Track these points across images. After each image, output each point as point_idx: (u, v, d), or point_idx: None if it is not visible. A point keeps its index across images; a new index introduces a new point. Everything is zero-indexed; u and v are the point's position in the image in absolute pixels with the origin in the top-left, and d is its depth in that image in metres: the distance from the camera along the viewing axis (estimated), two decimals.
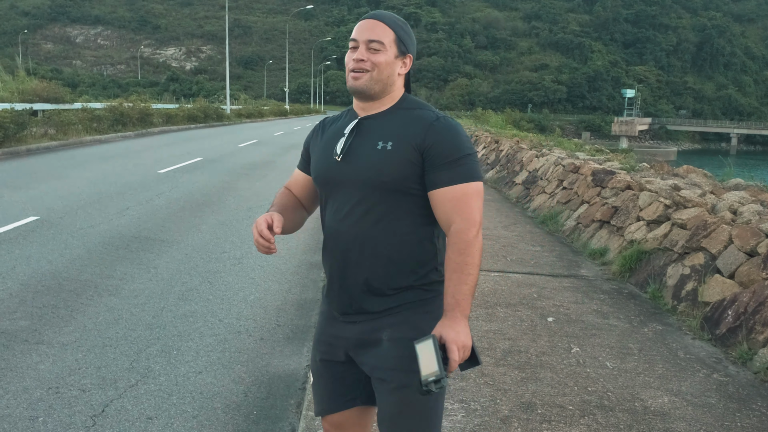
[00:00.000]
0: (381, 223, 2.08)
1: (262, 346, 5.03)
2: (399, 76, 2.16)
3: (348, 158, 2.12)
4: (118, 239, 8.17)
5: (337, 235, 2.17)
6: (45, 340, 4.90)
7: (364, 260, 2.11)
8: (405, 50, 2.15)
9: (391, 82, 2.14)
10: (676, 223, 6.70)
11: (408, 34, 2.16)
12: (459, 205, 2.02)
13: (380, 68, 2.10)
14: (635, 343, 5.04)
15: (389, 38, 2.11)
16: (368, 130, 2.13)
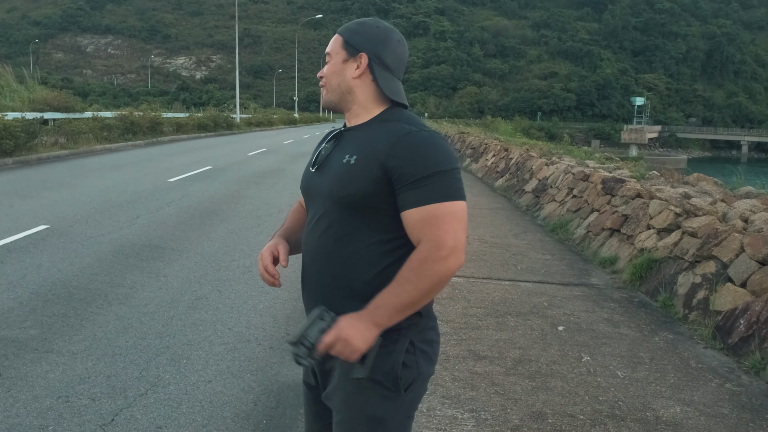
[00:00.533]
0: (341, 241, 1.94)
1: (271, 354, 5.03)
2: (355, 79, 1.98)
3: (320, 170, 2.03)
4: (128, 248, 8.19)
5: (305, 246, 2.10)
6: (55, 348, 4.91)
7: (322, 278, 2.00)
8: (355, 50, 1.98)
9: (347, 89, 2.00)
10: (687, 231, 6.67)
11: (360, 32, 2.00)
12: (427, 228, 1.81)
13: (328, 78, 2.03)
14: (646, 352, 5.01)
15: (337, 45, 2.03)
16: (345, 143, 2.00)
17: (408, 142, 1.84)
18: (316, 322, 1.82)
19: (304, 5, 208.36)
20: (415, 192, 1.81)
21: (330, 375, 2.02)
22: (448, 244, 1.78)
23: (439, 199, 1.80)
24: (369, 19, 2.03)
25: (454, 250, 1.79)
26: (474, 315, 5.74)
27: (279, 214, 11.29)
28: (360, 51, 1.97)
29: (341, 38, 2.02)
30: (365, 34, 1.98)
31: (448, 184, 1.81)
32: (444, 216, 1.79)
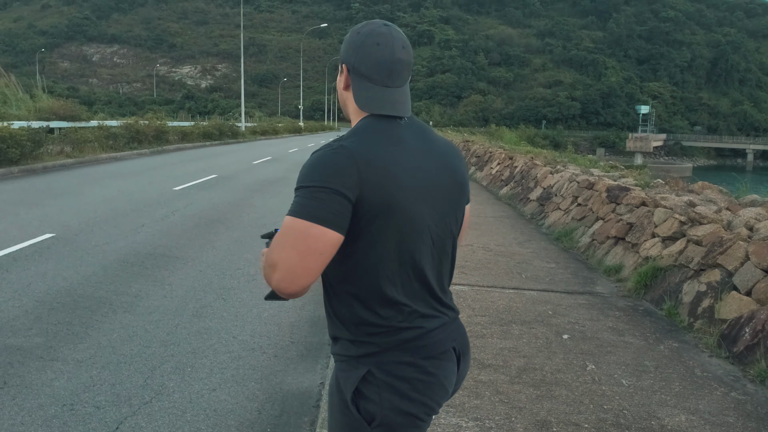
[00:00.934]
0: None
1: (276, 363, 5.03)
2: (346, 92, 1.95)
3: None
4: (133, 256, 8.21)
5: None
6: (60, 356, 4.92)
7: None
8: (341, 61, 1.96)
9: (343, 102, 1.99)
10: (692, 239, 6.66)
11: (345, 41, 1.94)
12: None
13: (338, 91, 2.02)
14: (651, 360, 4.99)
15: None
16: None
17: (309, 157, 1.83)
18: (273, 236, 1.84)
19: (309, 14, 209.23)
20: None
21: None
22: (272, 258, 1.73)
23: (288, 212, 1.74)
24: (358, 25, 1.96)
25: (274, 266, 1.73)
26: (478, 323, 5.73)
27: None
28: (343, 63, 1.94)
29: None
30: (346, 43, 1.93)
31: (296, 201, 1.73)
32: (281, 230, 1.75)
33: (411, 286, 1.85)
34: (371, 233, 1.77)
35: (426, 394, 1.84)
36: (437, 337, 1.87)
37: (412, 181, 1.81)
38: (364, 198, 1.73)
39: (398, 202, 1.77)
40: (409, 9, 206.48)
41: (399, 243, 1.81)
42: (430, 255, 1.89)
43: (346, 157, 1.74)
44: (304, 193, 1.72)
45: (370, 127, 1.84)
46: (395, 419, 1.82)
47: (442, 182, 1.91)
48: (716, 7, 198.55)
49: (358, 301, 1.83)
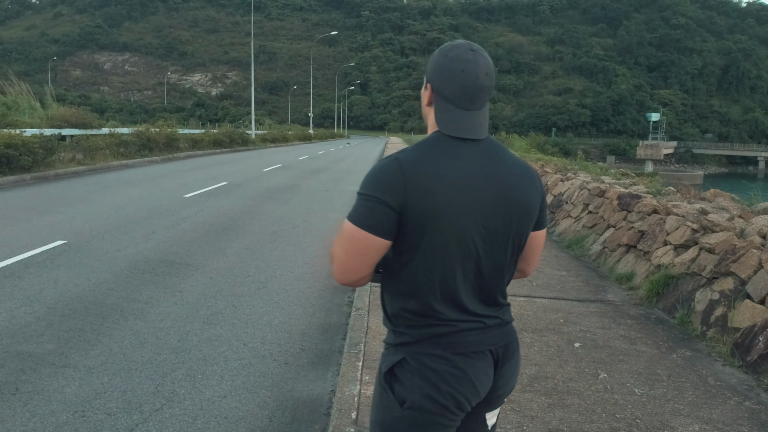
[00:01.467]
0: None
1: (286, 370, 5.02)
2: (428, 107, 2.08)
3: None
4: (144, 263, 8.23)
5: None
6: (71, 363, 4.93)
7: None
8: (426, 79, 2.09)
9: (425, 115, 2.13)
10: (704, 247, 6.62)
11: (431, 61, 2.07)
12: None
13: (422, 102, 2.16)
14: (664, 369, 4.96)
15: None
16: None
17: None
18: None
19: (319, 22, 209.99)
20: None
21: None
22: (331, 251, 1.99)
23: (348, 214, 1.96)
24: (446, 45, 2.07)
25: (331, 257, 1.99)
26: None
27: (294, 230, 11.32)
28: (428, 81, 2.07)
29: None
30: (433, 63, 2.05)
31: (354, 205, 1.95)
32: (340, 228, 1.97)
33: (451, 289, 1.97)
34: (415, 239, 1.92)
35: (454, 387, 1.95)
36: (470, 337, 1.99)
37: (459, 196, 1.92)
38: (409, 207, 1.88)
39: (442, 213, 1.90)
40: (419, 17, 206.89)
41: (441, 252, 1.94)
42: (473, 268, 1.99)
43: (396, 170, 1.90)
44: (358, 200, 1.94)
45: (434, 142, 1.98)
46: (423, 404, 1.95)
47: (499, 202, 1.98)
48: (727, 15, 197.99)
49: (400, 296, 2.01)
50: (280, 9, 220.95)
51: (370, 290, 6.91)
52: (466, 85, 1.97)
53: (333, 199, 16.38)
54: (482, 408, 2.11)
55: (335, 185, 20.24)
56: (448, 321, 1.98)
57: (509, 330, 2.12)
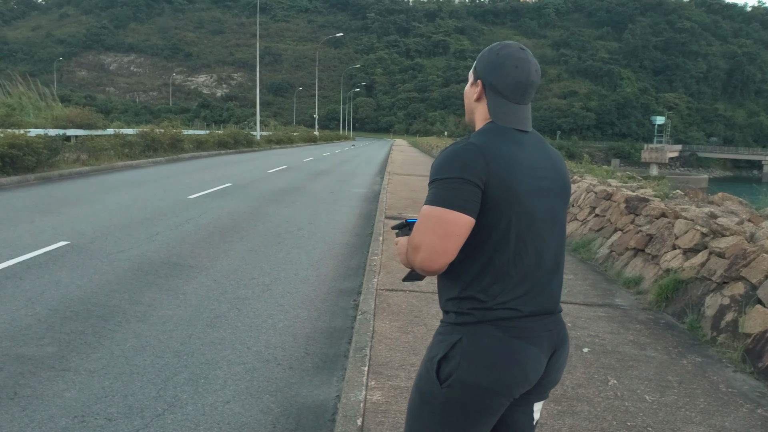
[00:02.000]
0: None
1: (290, 375, 4.94)
2: (476, 102, 2.20)
3: None
4: (148, 264, 8.16)
5: None
6: (72, 366, 4.86)
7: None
8: (476, 77, 2.21)
9: (471, 110, 2.24)
10: (714, 251, 6.52)
11: (482, 59, 2.19)
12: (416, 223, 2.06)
13: (465, 98, 2.28)
14: (674, 375, 4.87)
15: (471, 70, 2.26)
16: None
17: (440, 152, 2.07)
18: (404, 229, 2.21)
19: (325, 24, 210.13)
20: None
21: None
22: (415, 242, 2.00)
23: (426, 201, 2.01)
24: (496, 45, 2.20)
25: (417, 248, 1.99)
26: None
27: (299, 231, 11.25)
28: (478, 78, 2.18)
29: (474, 63, 2.24)
30: (485, 62, 2.17)
31: (432, 191, 2.00)
32: (420, 218, 2.01)
33: (523, 272, 2.05)
34: (494, 218, 2.00)
35: (502, 371, 1.99)
36: (531, 323, 2.05)
37: (529, 178, 2.04)
38: (491, 185, 1.96)
39: (518, 192, 2.00)
40: (424, 19, 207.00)
41: (516, 231, 2.02)
42: (547, 250, 2.11)
43: (475, 151, 1.99)
44: (439, 185, 1.98)
45: (495, 130, 2.09)
46: (461, 387, 2.00)
47: (555, 184, 2.14)
48: (732, 18, 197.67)
49: (471, 278, 2.04)
50: (286, 11, 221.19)
51: (376, 294, 6.83)
52: (520, 80, 2.12)
53: (338, 201, 16.30)
54: (532, 397, 2.15)
55: (340, 187, 20.17)
56: (515, 304, 2.04)
57: (562, 319, 2.20)
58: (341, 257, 9.38)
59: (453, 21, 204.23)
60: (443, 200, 1.96)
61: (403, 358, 4.99)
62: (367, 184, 21.69)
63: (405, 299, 6.71)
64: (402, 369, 4.75)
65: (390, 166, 29.94)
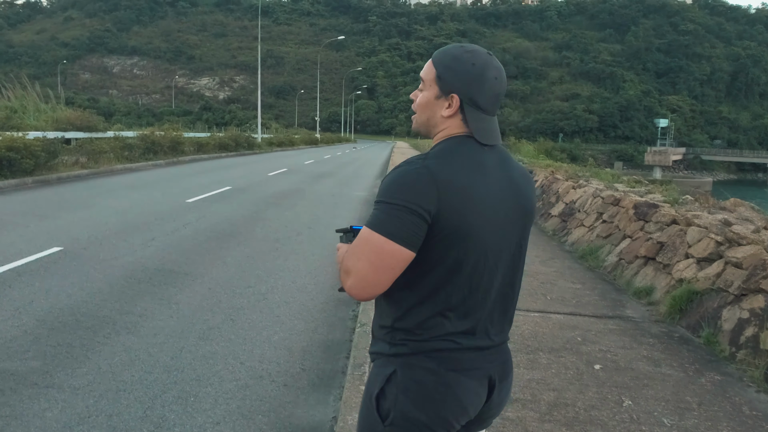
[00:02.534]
0: None
1: (285, 393, 4.67)
2: (444, 118, 1.93)
3: None
4: (141, 272, 7.90)
5: None
6: (56, 383, 4.59)
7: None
8: (447, 89, 1.91)
9: (433, 124, 1.96)
10: (730, 261, 6.24)
11: (454, 70, 1.89)
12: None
13: (418, 109, 2.00)
14: (693, 396, 4.59)
15: (430, 77, 1.95)
16: None
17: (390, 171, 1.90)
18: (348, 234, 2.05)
19: (327, 27, 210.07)
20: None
21: None
22: (347, 265, 1.83)
23: (366, 223, 1.83)
24: (466, 53, 1.91)
25: (348, 272, 1.83)
26: None
27: (298, 237, 10.98)
28: (452, 92, 1.90)
29: (435, 71, 1.94)
30: (459, 73, 1.89)
31: (376, 214, 1.80)
32: (357, 239, 1.84)
33: (467, 307, 1.88)
34: (439, 253, 1.81)
35: (439, 406, 1.84)
36: (470, 355, 1.89)
37: (488, 209, 1.84)
38: (440, 219, 1.77)
39: (472, 228, 1.81)
40: (426, 22, 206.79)
41: (465, 267, 1.84)
42: (498, 283, 1.92)
43: (427, 179, 1.77)
44: (384, 209, 1.79)
45: (456, 150, 1.87)
46: (403, 424, 1.85)
47: (516, 212, 1.93)
48: (736, 21, 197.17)
49: (410, 308, 1.87)
50: (288, 14, 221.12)
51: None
52: (499, 91, 1.92)
53: (339, 204, 16.03)
54: (473, 427, 2.02)
55: (341, 190, 19.91)
56: (453, 337, 1.87)
57: (506, 349, 2.04)
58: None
59: (454, 24, 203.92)
60: (385, 228, 1.77)
61: None
62: (368, 188, 21.42)
63: None
64: None
65: (391, 168, 29.63)
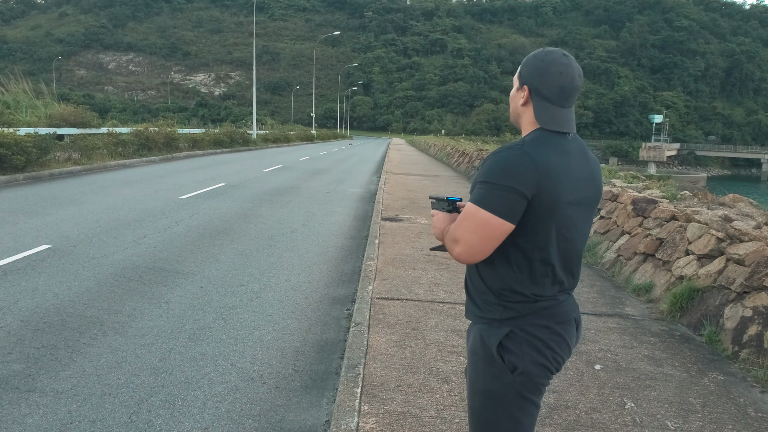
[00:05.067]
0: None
1: (277, 396, 4.52)
2: (523, 107, 2.31)
3: None
4: (131, 270, 7.74)
5: None
6: (38, 387, 4.44)
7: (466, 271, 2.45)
8: (521, 82, 2.31)
9: (517, 114, 2.36)
10: (732, 258, 6.11)
11: (527, 65, 2.30)
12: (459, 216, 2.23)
13: (511, 102, 2.41)
14: (697, 397, 4.45)
15: (516, 75, 2.37)
16: None
17: (491, 155, 2.21)
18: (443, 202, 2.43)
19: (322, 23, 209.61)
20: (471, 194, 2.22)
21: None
22: (455, 234, 2.19)
23: (472, 200, 2.17)
24: (541, 51, 2.31)
25: (456, 241, 2.19)
26: None
27: (292, 234, 10.83)
28: (524, 83, 2.30)
29: (519, 69, 2.35)
30: (530, 67, 2.29)
31: (481, 192, 2.14)
32: (464, 213, 2.18)
33: (557, 271, 2.26)
34: (535, 225, 2.17)
35: (557, 351, 2.25)
36: (565, 308, 2.30)
37: (572, 189, 2.19)
38: (537, 197, 2.12)
39: (561, 204, 2.16)
40: (422, 18, 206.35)
41: (557, 237, 2.21)
42: (574, 250, 2.31)
43: (529, 162, 2.12)
44: (489, 188, 2.13)
45: (545, 138, 2.21)
46: (533, 370, 2.23)
47: (591, 192, 2.31)
48: (730, 17, 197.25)
49: (513, 275, 2.23)
50: (284, 9, 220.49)
51: (371, 302, 6.41)
52: (564, 85, 2.24)
53: (333, 201, 15.87)
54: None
55: (336, 187, 19.74)
56: (552, 296, 2.26)
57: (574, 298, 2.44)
58: (335, 261, 8.96)
59: (450, 20, 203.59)
60: (490, 205, 2.11)
61: (399, 377, 4.56)
62: (363, 184, 21.26)
63: (402, 309, 6.28)
64: (398, 391, 4.33)
65: (387, 165, 29.48)
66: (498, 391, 2.26)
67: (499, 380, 2.24)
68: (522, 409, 2.27)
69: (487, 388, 2.27)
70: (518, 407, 2.27)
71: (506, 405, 2.26)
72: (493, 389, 2.26)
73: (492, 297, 2.27)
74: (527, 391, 2.26)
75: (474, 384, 2.32)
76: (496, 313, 2.26)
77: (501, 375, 2.24)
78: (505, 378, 2.23)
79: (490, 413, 2.30)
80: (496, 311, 2.26)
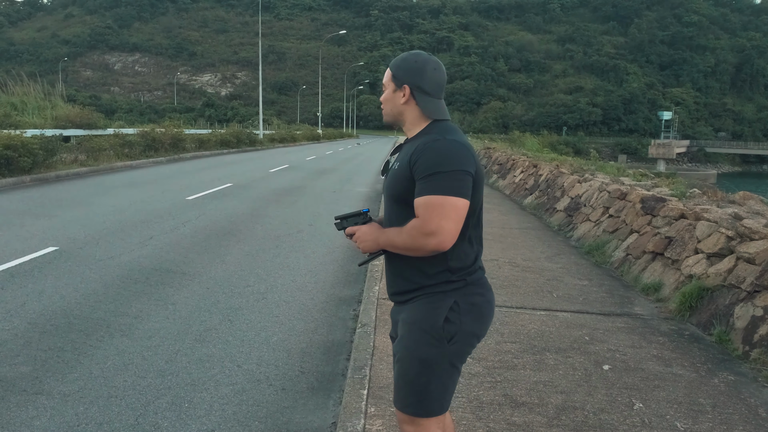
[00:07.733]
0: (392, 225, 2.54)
1: (283, 397, 4.50)
2: (404, 105, 2.56)
3: (386, 175, 2.67)
4: (138, 272, 7.73)
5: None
6: (45, 389, 4.43)
7: (392, 258, 2.58)
8: (400, 82, 2.55)
9: (398, 112, 2.60)
10: (743, 257, 6.05)
11: (402, 67, 2.55)
12: (421, 211, 2.34)
13: (384, 104, 2.63)
14: (706, 397, 4.41)
15: (387, 78, 2.60)
16: (399, 153, 2.58)
17: (426, 147, 2.37)
18: (358, 216, 2.62)
19: (328, 22, 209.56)
20: (421, 185, 2.35)
21: (398, 325, 2.64)
22: (429, 227, 2.31)
23: (433, 192, 2.31)
24: (409, 54, 2.61)
25: (432, 234, 2.31)
26: (509, 351, 5.17)
27: (298, 234, 10.81)
28: (403, 83, 2.54)
29: (390, 72, 2.59)
30: (406, 69, 2.55)
31: (438, 183, 2.31)
32: (430, 206, 2.31)
33: (480, 240, 2.59)
34: (473, 200, 2.43)
35: (487, 318, 2.55)
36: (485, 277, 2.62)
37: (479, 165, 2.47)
38: (476, 174, 2.41)
39: (481, 178, 2.48)
40: (428, 16, 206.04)
41: (479, 209, 2.53)
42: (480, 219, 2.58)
43: (461, 146, 2.40)
44: (446, 177, 2.31)
45: (448, 127, 2.50)
46: (466, 338, 2.47)
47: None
48: (741, 12, 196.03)
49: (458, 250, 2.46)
50: (289, 9, 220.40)
51: (377, 303, 6.39)
52: (439, 80, 2.56)
53: (340, 201, 15.86)
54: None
55: (343, 186, 19.73)
56: (480, 266, 2.58)
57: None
58: (341, 262, 8.94)
59: (457, 17, 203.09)
60: (454, 190, 2.31)
61: None
62: (370, 183, 21.24)
63: None
64: None
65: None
66: (434, 359, 2.44)
67: (437, 348, 2.43)
68: (450, 375, 2.49)
69: (425, 356, 2.44)
70: (448, 374, 2.47)
71: (439, 372, 2.45)
72: (430, 357, 2.44)
73: (440, 274, 2.47)
74: (457, 359, 2.48)
75: (411, 352, 2.47)
76: (446, 286, 2.47)
77: (439, 344, 2.43)
78: (442, 347, 2.43)
79: (425, 379, 2.46)
80: (445, 285, 2.47)
